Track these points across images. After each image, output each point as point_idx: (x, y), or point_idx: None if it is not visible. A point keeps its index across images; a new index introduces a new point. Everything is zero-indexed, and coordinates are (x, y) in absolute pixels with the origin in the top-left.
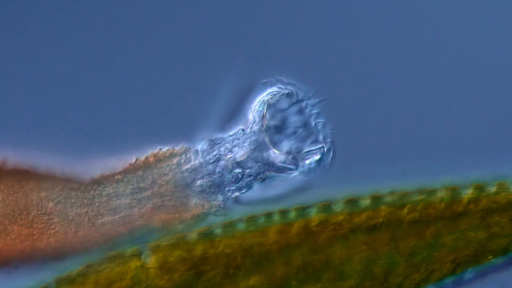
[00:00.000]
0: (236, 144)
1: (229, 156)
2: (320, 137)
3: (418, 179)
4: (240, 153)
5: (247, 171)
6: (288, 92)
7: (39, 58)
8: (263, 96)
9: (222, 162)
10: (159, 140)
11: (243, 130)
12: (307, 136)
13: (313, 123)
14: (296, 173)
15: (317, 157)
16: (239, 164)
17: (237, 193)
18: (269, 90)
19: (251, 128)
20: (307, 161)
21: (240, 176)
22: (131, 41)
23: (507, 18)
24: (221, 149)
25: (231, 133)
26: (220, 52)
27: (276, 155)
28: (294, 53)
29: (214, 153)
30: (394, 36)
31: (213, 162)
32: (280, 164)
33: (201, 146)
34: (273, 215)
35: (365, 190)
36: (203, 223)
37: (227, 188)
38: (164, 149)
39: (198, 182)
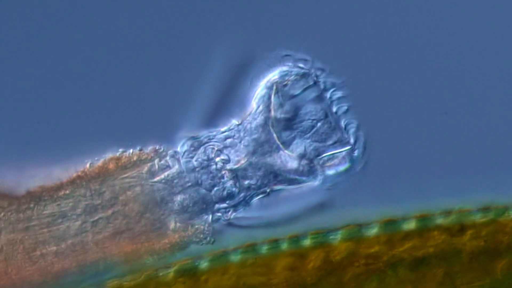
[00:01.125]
0: (230, 144)
1: (220, 161)
2: (348, 135)
3: (483, 193)
4: (236, 157)
5: (246, 182)
6: (303, 72)
7: None
8: (268, 78)
9: (210, 170)
10: (123, 139)
11: (239, 124)
12: (329, 133)
13: (337, 115)
14: (313, 184)
15: (343, 164)
16: (234, 172)
17: (231, 213)
18: (276, 70)
19: (251, 122)
20: (329, 169)
21: (235, 189)
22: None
23: None
24: (208, 151)
25: (223, 129)
26: (206, 13)
27: (285, 160)
28: (310, 17)
29: (199, 158)
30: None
31: (198, 170)
32: (291, 176)
33: (181, 147)
34: (281, 243)
35: (409, 209)
36: (184, 254)
37: (217, 206)
38: (130, 152)
39: (177, 198)
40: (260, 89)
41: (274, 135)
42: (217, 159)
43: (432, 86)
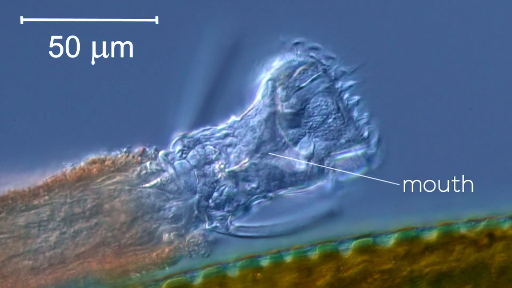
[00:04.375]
0: (229, 143)
1: (218, 162)
2: (364, 131)
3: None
4: (236, 158)
5: (247, 186)
6: (311, 61)
7: None
8: (272, 69)
9: (207, 173)
10: (107, 139)
11: (240, 121)
12: (342, 130)
13: (351, 109)
14: (323, 189)
15: (358, 167)
16: (234, 175)
17: (229, 221)
18: (281, 58)
19: (253, 118)
20: (342, 173)
21: (235, 194)
22: None
23: None
24: (205, 151)
25: (220, 126)
26: None
27: (292, 161)
28: None
29: (195, 159)
30: None
31: (193, 173)
32: (298, 179)
33: (173, 147)
34: (286, 255)
35: (431, 216)
36: (175, 268)
37: (214, 213)
38: (116, 154)
39: (170, 205)
40: (263, 80)
41: (281, 131)
42: (216, 162)
43: (459, 76)
